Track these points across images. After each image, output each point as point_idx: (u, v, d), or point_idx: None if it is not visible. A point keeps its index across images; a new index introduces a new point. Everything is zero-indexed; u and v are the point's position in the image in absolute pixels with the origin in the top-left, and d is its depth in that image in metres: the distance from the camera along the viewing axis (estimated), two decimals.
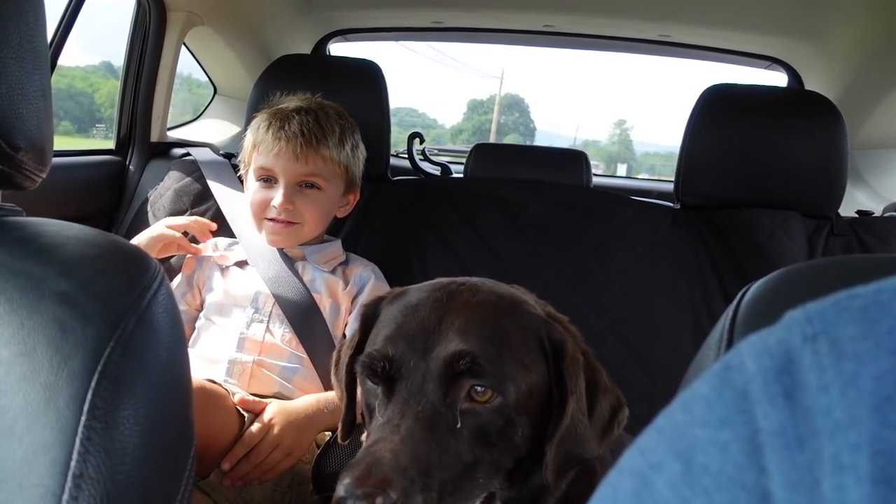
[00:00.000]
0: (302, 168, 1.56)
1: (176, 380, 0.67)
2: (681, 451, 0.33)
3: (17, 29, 0.63)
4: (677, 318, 1.76)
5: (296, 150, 1.54)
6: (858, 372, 0.29)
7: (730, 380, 0.33)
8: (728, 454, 0.31)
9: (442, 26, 2.84)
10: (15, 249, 0.63)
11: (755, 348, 0.33)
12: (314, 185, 1.59)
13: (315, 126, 1.58)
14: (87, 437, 0.54)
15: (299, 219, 1.58)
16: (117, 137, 2.16)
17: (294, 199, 1.56)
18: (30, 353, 0.56)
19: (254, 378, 1.47)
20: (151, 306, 0.64)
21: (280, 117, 1.59)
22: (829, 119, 1.72)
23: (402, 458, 0.75)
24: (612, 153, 21.99)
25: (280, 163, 1.56)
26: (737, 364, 0.34)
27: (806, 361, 0.31)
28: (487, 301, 0.90)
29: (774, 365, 0.32)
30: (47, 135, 0.70)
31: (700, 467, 0.32)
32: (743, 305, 0.64)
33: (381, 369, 0.85)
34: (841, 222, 1.78)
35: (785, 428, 0.30)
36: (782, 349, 0.32)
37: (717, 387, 0.34)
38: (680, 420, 0.35)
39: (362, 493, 0.71)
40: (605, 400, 0.93)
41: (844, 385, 0.29)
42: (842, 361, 0.30)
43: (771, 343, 0.33)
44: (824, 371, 0.30)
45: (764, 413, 0.31)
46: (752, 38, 2.59)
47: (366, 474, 0.73)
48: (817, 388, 0.30)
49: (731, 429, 0.32)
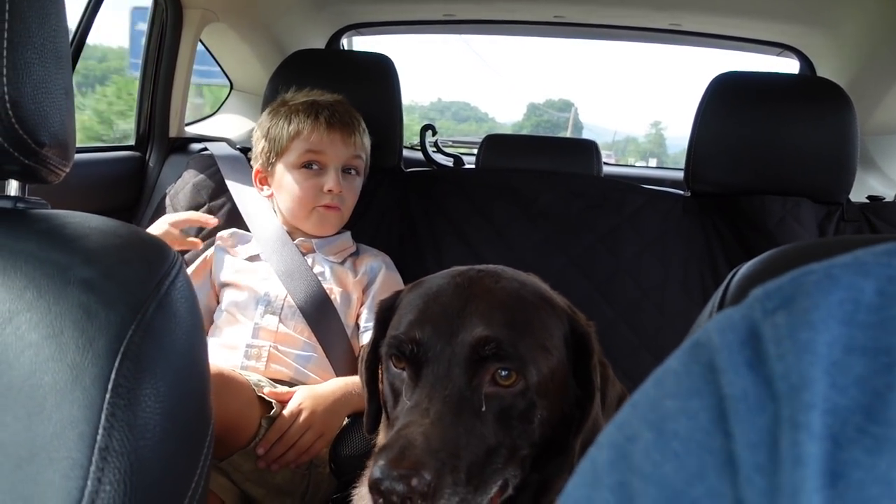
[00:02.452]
0: (350, 151, 1.66)
1: (194, 362, 0.70)
2: (652, 421, 0.35)
3: (40, 30, 0.67)
4: (688, 306, 1.77)
5: (343, 136, 1.64)
6: (812, 339, 0.32)
7: (698, 354, 0.36)
8: (696, 421, 0.34)
9: (454, 19, 2.86)
10: (41, 239, 0.66)
11: (720, 325, 0.36)
12: (354, 169, 1.69)
13: (353, 114, 1.69)
14: (112, 413, 0.58)
15: (343, 203, 1.66)
16: (137, 133, 2.20)
17: (341, 183, 1.64)
18: (57, 336, 0.60)
19: (271, 360, 1.51)
20: (170, 292, 0.67)
21: (325, 107, 1.67)
22: (839, 105, 1.72)
23: (434, 441, 0.77)
24: (648, 149, 22.60)
25: (333, 147, 1.64)
26: (704, 340, 0.36)
27: (767, 334, 0.34)
28: (510, 287, 0.92)
29: (738, 338, 0.34)
30: (70, 131, 0.73)
31: (670, 433, 0.34)
32: (732, 286, 0.66)
33: (410, 352, 0.86)
34: (852, 208, 1.79)
35: (747, 394, 0.33)
36: (745, 324, 0.35)
37: (686, 362, 0.36)
38: (652, 394, 0.37)
39: (398, 475, 0.73)
40: (613, 392, 0.96)
41: (799, 351, 0.32)
42: (797, 331, 0.33)
43: (735, 319, 0.36)
44: (781, 341, 0.33)
45: (728, 381, 0.33)
46: (763, 25, 2.58)
47: (400, 457, 0.75)
48: (775, 356, 0.33)
49: (699, 398, 0.34)
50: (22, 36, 0.64)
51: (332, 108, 1.67)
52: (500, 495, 0.87)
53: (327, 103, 1.69)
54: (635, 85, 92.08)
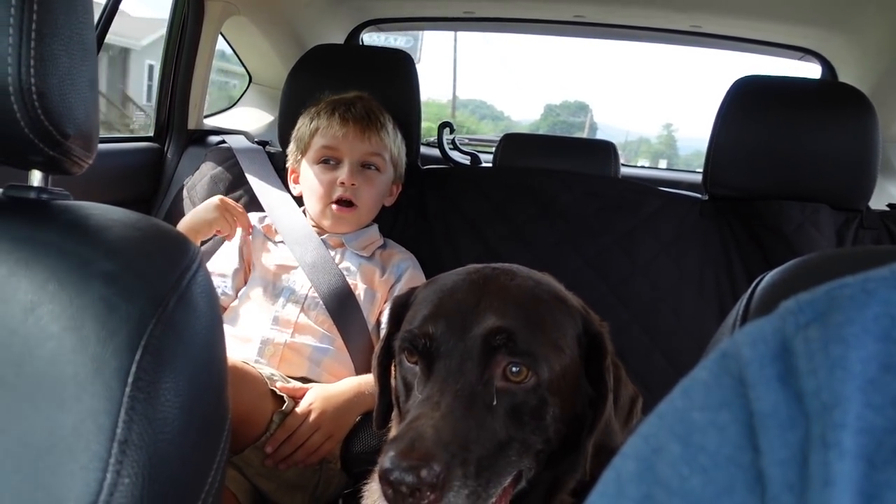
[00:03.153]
0: (366, 146, 1.67)
1: (213, 357, 0.71)
2: (680, 433, 0.35)
3: (67, 22, 0.67)
4: (703, 309, 1.76)
5: (361, 130, 1.65)
6: (845, 355, 0.31)
7: (727, 366, 0.35)
8: (726, 435, 0.33)
9: (473, 16, 2.85)
10: (63, 231, 0.67)
11: (751, 336, 0.35)
12: (373, 165, 1.68)
13: (376, 111, 1.70)
14: (132, 407, 0.58)
15: (358, 200, 1.66)
16: (156, 125, 2.21)
17: (356, 178, 1.64)
18: (78, 328, 0.60)
19: (284, 360, 1.51)
20: (191, 286, 0.68)
21: (343, 103, 1.70)
22: (861, 111, 1.70)
23: (444, 434, 0.77)
24: (659, 150, 22.73)
25: (346, 142, 1.65)
26: (733, 352, 0.35)
27: (799, 349, 0.33)
28: (525, 285, 0.93)
29: (769, 351, 0.34)
30: (94, 123, 0.73)
31: (697, 447, 0.33)
32: (756, 295, 0.66)
33: (423, 346, 0.87)
34: (871, 215, 1.77)
35: (778, 409, 0.32)
36: (777, 337, 0.34)
37: (715, 373, 0.36)
38: (680, 405, 0.36)
39: (407, 466, 0.74)
40: (626, 393, 0.96)
41: (832, 367, 0.31)
42: (830, 346, 0.32)
43: (766, 331, 0.35)
44: (813, 356, 0.32)
45: (758, 395, 0.33)
46: (784, 28, 2.56)
47: (409, 448, 0.75)
48: (807, 372, 0.32)
49: (728, 411, 0.34)
50: (50, 27, 0.64)
51: (351, 104, 1.69)
52: (513, 486, 0.88)
53: (348, 100, 1.70)
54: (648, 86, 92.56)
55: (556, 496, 0.95)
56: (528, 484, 0.90)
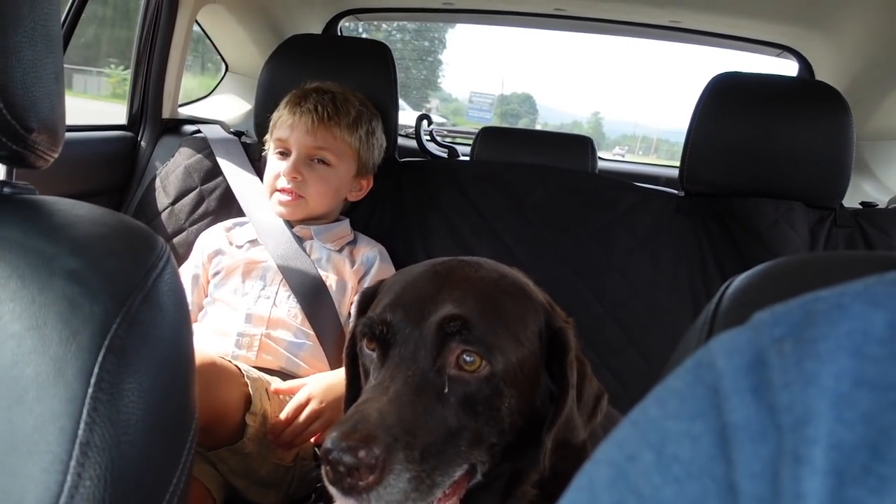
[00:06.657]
0: (312, 141, 1.64)
1: (179, 356, 0.70)
2: (653, 442, 0.35)
3: (31, 13, 0.65)
4: (677, 305, 1.77)
5: (308, 125, 1.63)
6: (819, 371, 0.31)
7: (701, 376, 0.35)
8: (699, 446, 0.33)
9: (452, 7, 2.84)
10: (27, 228, 0.65)
11: (725, 347, 0.35)
12: (324, 160, 1.65)
13: (330, 105, 1.66)
14: (94, 408, 0.57)
15: (305, 192, 1.64)
16: (129, 113, 2.18)
17: (302, 171, 1.63)
18: (40, 328, 0.59)
19: (262, 350, 1.50)
20: (157, 285, 0.66)
21: (299, 95, 1.69)
22: (836, 110, 1.71)
23: (388, 418, 0.78)
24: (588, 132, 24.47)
25: (294, 135, 1.64)
26: (707, 361, 0.35)
27: (773, 362, 0.33)
28: (489, 277, 0.93)
29: (744, 363, 0.34)
30: (59, 116, 0.72)
31: (671, 457, 0.33)
32: (725, 298, 0.66)
33: (379, 333, 0.88)
34: (844, 213, 1.78)
35: (750, 422, 0.32)
36: (751, 349, 0.34)
37: (689, 383, 0.35)
38: (654, 414, 0.36)
39: (347, 446, 0.74)
40: (590, 389, 0.96)
41: (805, 383, 0.31)
42: (804, 361, 0.32)
43: (741, 343, 0.35)
44: (788, 370, 0.32)
45: (731, 407, 0.33)
46: (763, 25, 2.57)
47: (352, 430, 0.76)
48: (781, 386, 0.32)
49: (703, 422, 0.33)
50: (12, 18, 0.63)
51: (306, 96, 1.68)
52: (467, 479, 0.88)
53: (306, 92, 1.70)
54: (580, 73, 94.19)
55: (517, 489, 0.95)
56: (484, 478, 0.89)
